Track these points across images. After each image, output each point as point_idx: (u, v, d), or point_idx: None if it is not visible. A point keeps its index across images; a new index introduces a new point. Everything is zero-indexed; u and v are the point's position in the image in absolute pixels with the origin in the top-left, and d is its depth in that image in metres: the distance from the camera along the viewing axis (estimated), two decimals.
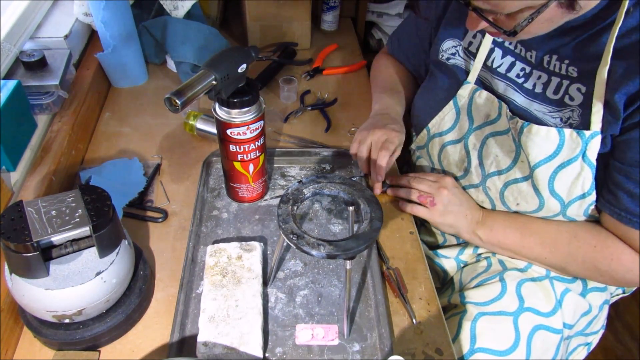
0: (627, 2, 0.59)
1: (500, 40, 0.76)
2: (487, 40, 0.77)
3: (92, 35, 1.14)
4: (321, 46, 1.31)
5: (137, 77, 1.13)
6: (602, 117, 0.64)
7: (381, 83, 1.03)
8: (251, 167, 0.79)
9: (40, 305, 0.59)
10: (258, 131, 0.75)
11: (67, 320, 0.62)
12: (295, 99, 1.12)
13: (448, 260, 0.91)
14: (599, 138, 0.64)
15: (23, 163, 0.81)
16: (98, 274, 0.60)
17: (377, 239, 0.81)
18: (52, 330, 0.63)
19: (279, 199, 0.64)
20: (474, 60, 0.80)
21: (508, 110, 0.74)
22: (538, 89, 0.71)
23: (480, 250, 0.89)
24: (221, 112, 0.72)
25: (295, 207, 0.63)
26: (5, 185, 0.75)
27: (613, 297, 0.90)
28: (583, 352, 0.85)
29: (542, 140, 0.68)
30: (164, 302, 0.71)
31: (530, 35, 0.64)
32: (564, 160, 0.68)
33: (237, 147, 0.75)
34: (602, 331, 0.87)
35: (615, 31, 0.60)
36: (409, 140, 0.93)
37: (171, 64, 1.17)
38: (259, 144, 0.77)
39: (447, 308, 0.82)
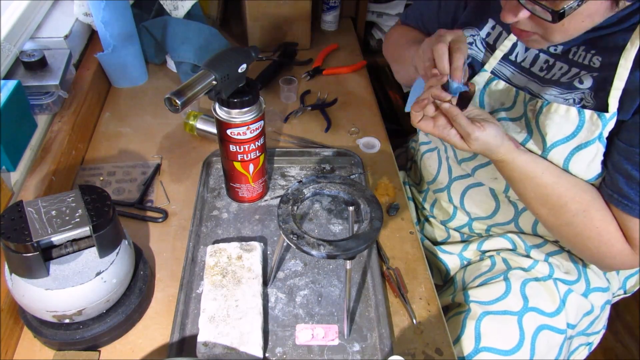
0: None
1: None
2: (513, 35, 0.74)
3: (92, 35, 1.14)
4: (321, 46, 1.31)
5: (137, 77, 1.13)
6: (619, 98, 0.63)
7: (410, 40, 0.92)
8: (251, 167, 0.79)
9: (40, 305, 0.59)
10: (258, 131, 0.75)
11: (67, 320, 0.62)
12: (295, 99, 1.12)
13: (451, 256, 0.91)
14: (614, 119, 0.64)
15: (23, 163, 0.81)
16: (98, 274, 0.60)
17: (377, 239, 0.81)
18: (52, 330, 0.63)
19: (279, 199, 0.64)
20: (491, 52, 0.78)
21: (526, 95, 0.73)
22: (555, 77, 0.71)
23: (484, 247, 0.89)
24: (221, 112, 0.72)
25: (295, 207, 0.63)
26: (5, 185, 0.75)
27: (615, 297, 0.90)
28: (584, 352, 0.86)
29: (561, 119, 0.67)
30: (164, 302, 0.71)
31: (567, 35, 0.61)
32: (581, 142, 0.67)
33: (237, 147, 0.75)
34: (603, 331, 0.87)
35: None
36: (403, 137, 0.91)
37: (171, 64, 1.17)
38: (259, 144, 0.77)
39: (450, 307, 0.82)
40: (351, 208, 0.69)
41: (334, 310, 0.70)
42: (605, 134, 0.65)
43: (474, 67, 0.81)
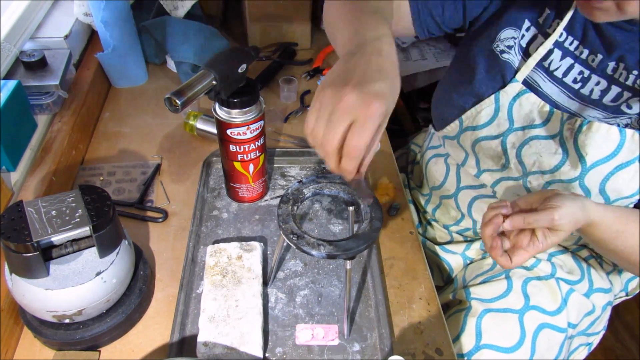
0: None
1: (562, 39, 0.70)
2: (550, 41, 0.70)
3: (92, 35, 1.14)
4: (321, 46, 1.31)
5: (137, 77, 1.13)
6: None
7: (357, 5, 0.64)
8: (251, 167, 0.79)
9: (40, 305, 0.59)
10: (258, 131, 0.75)
11: (67, 320, 0.62)
12: (295, 99, 1.12)
13: (454, 255, 0.91)
14: None
15: (23, 163, 0.81)
16: (98, 274, 0.60)
17: (377, 239, 0.81)
18: (52, 330, 0.63)
19: (279, 199, 0.64)
20: (524, 58, 0.73)
21: (562, 116, 0.69)
22: (595, 96, 0.67)
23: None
24: (221, 112, 0.72)
25: (295, 207, 0.63)
26: (5, 185, 0.75)
27: (616, 299, 0.90)
28: (584, 352, 0.86)
29: (602, 138, 0.65)
30: (164, 302, 0.71)
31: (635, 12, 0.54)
32: (622, 162, 0.65)
33: (237, 147, 0.75)
34: (603, 332, 0.87)
35: None
36: (404, 137, 0.89)
37: (171, 64, 1.17)
38: (259, 144, 0.77)
39: (450, 304, 0.82)
40: (351, 208, 0.69)
41: (334, 310, 0.70)
42: None
43: (506, 75, 0.74)
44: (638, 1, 0.53)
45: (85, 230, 0.59)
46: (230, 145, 0.75)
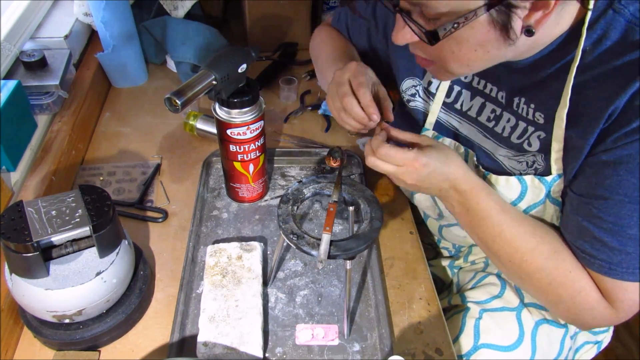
0: (583, 41, 0.54)
1: (468, 80, 0.70)
2: (445, 82, 0.71)
3: (92, 35, 1.14)
4: None
5: (137, 77, 1.13)
6: (562, 158, 0.60)
7: (332, 52, 0.88)
8: (251, 167, 0.79)
9: (40, 305, 0.59)
10: (258, 131, 0.75)
11: (67, 320, 0.62)
12: (295, 98, 1.12)
13: (442, 267, 0.93)
14: (561, 180, 0.61)
15: (23, 163, 0.81)
16: (98, 274, 0.60)
17: (377, 239, 0.81)
18: (52, 330, 0.63)
19: (279, 199, 0.64)
20: (430, 103, 0.74)
21: (475, 159, 0.71)
22: (505, 133, 0.67)
23: (471, 258, 0.90)
24: (221, 112, 0.72)
25: (295, 207, 0.63)
26: (5, 185, 0.75)
27: None
28: (592, 351, 0.84)
29: (503, 188, 0.67)
30: (164, 302, 0.71)
31: (463, 64, 0.56)
32: (530, 204, 0.66)
33: (237, 147, 0.75)
34: (612, 329, 0.86)
35: (573, 71, 0.55)
36: None
37: (171, 64, 1.17)
38: (259, 144, 0.77)
39: (447, 309, 0.82)
40: (351, 208, 0.69)
41: (334, 310, 0.70)
42: (556, 193, 0.63)
43: (419, 122, 0.77)
44: (456, 62, 0.56)
45: (85, 230, 0.59)
46: (230, 145, 0.75)
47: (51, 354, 0.64)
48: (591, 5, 0.52)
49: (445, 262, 0.93)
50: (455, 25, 0.50)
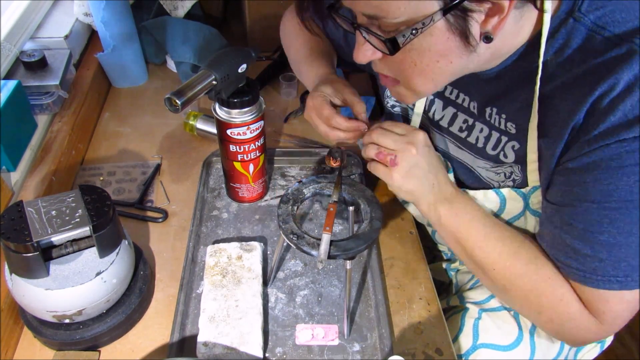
0: (543, 51, 0.53)
1: (440, 89, 0.69)
2: None
3: (92, 35, 1.14)
4: None
5: (137, 77, 1.13)
6: (538, 169, 0.60)
7: (301, 47, 0.87)
8: (251, 167, 0.79)
9: (40, 306, 0.59)
10: (258, 131, 0.75)
11: (67, 320, 0.62)
12: (295, 95, 1.11)
13: (441, 270, 0.93)
14: (539, 191, 0.61)
15: (23, 163, 0.81)
16: (98, 274, 0.60)
17: (377, 239, 0.81)
18: (52, 330, 0.63)
19: (279, 199, 0.64)
20: (412, 111, 0.74)
21: (452, 174, 0.72)
22: (480, 144, 0.66)
23: None
24: (221, 112, 0.72)
25: (295, 207, 0.63)
26: (5, 185, 0.75)
27: None
28: (595, 350, 0.83)
29: (482, 201, 0.67)
30: (164, 302, 0.71)
31: (428, 79, 0.56)
32: (510, 216, 0.67)
33: (237, 147, 0.75)
34: None
35: (537, 82, 0.55)
36: None
37: (171, 64, 1.17)
38: (259, 144, 0.77)
39: (446, 310, 0.82)
40: (351, 208, 0.69)
41: (334, 310, 0.70)
42: (535, 205, 0.63)
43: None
44: (420, 76, 0.55)
45: (85, 230, 0.59)
46: (230, 145, 0.75)
47: (51, 354, 0.64)
48: (547, 7, 0.51)
49: (443, 265, 0.94)
50: (414, 31, 0.49)
